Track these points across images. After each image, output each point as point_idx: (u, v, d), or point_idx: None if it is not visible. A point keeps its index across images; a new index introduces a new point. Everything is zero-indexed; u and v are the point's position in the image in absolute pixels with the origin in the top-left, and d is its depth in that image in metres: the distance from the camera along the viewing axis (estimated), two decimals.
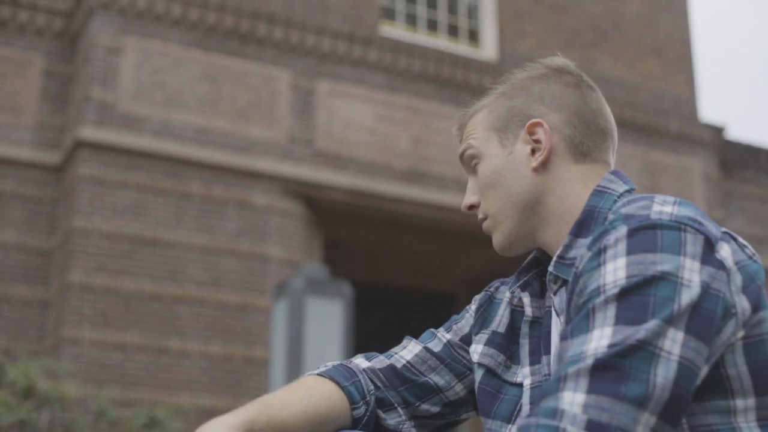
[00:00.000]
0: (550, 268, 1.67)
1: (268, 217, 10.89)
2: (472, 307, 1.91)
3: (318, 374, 1.81)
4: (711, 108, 48.72)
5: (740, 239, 1.55)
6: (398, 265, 13.20)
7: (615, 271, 1.44)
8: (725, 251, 1.48)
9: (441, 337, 1.90)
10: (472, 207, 1.80)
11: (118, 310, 10.03)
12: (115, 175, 10.37)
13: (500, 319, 1.82)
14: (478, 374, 1.80)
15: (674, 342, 1.37)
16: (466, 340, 1.87)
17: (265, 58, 11.37)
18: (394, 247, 12.67)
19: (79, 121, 10.45)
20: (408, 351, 1.89)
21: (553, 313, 1.71)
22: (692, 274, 1.42)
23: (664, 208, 1.50)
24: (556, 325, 1.70)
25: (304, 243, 11.12)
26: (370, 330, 12.72)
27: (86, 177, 10.27)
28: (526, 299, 1.77)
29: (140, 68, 10.75)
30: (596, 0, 13.73)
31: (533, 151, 1.73)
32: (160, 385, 9.99)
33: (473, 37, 13.04)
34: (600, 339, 1.38)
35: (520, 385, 1.74)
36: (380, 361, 1.88)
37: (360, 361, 1.88)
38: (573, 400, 1.35)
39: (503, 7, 13.09)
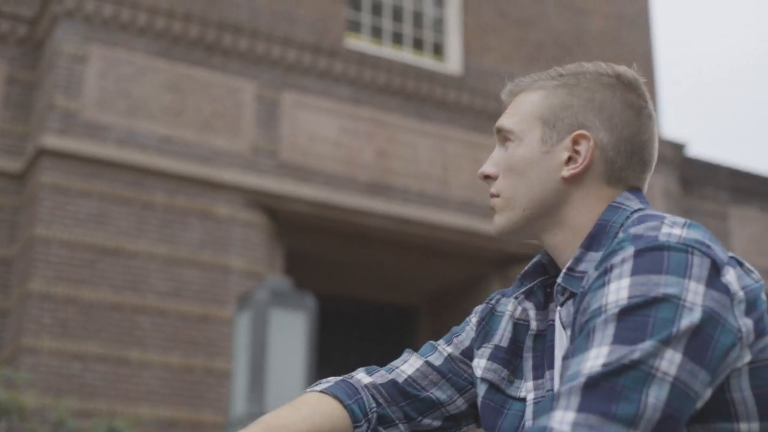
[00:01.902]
0: (559, 280, 1.65)
1: (231, 228, 10.85)
2: (473, 319, 1.89)
3: (320, 391, 1.81)
4: (671, 125, 49.25)
5: (747, 264, 1.54)
6: (361, 277, 13.19)
7: (618, 291, 1.43)
8: (731, 276, 1.47)
9: (442, 351, 1.89)
10: (488, 177, 1.75)
11: (78, 320, 9.95)
12: (77, 184, 10.28)
13: (503, 333, 1.80)
14: (482, 389, 1.78)
15: (671, 363, 1.36)
16: (467, 354, 1.86)
17: (231, 68, 11.34)
18: (356, 260, 12.66)
19: (42, 129, 10.36)
20: (409, 365, 1.88)
21: (558, 326, 1.70)
22: (696, 297, 1.41)
23: (673, 230, 1.49)
24: (560, 339, 1.68)
25: (267, 254, 11.09)
26: (333, 342, 12.69)
27: (48, 185, 10.18)
28: (532, 312, 1.75)
29: (105, 76, 10.68)
30: (561, 16, 13.82)
31: (569, 159, 1.68)
32: (120, 396, 9.91)
33: (438, 50, 13.08)
34: (596, 358, 1.37)
35: (524, 400, 1.72)
36: (381, 375, 1.87)
37: (361, 377, 1.87)
38: (563, 418, 1.33)
39: (468, 21, 13.14)
